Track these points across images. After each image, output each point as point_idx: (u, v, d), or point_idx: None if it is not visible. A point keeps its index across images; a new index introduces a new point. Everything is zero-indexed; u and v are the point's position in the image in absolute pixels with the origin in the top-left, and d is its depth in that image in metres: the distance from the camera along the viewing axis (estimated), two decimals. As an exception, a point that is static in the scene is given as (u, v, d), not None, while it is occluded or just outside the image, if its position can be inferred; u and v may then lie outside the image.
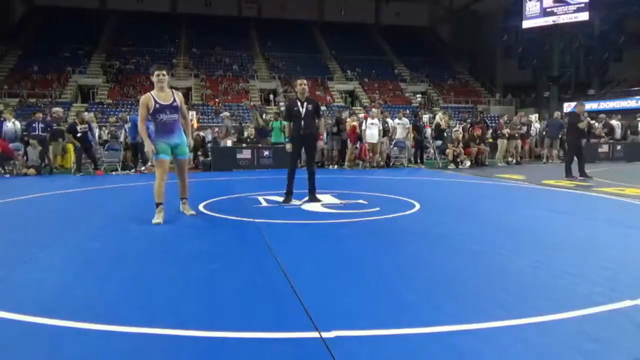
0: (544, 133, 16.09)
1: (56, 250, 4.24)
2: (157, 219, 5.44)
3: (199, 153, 13.77)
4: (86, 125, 12.26)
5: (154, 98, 5.41)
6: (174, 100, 5.51)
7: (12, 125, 12.54)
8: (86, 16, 35.29)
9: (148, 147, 5.48)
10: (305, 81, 6.76)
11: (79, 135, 11.93)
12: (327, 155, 14.56)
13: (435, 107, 32.00)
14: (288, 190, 6.68)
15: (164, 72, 5.54)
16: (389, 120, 14.39)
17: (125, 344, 2.34)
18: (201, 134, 14.36)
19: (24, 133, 12.72)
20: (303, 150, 6.83)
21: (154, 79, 5.47)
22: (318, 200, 6.65)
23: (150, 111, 5.40)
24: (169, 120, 5.47)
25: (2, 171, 11.70)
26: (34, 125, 12.36)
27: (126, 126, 13.22)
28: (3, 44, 32.19)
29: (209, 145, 14.33)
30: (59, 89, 29.78)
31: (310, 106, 6.54)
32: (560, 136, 15.87)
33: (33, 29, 34.72)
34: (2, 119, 12.86)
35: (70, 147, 13.38)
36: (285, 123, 7.19)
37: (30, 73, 30.68)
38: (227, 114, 17.42)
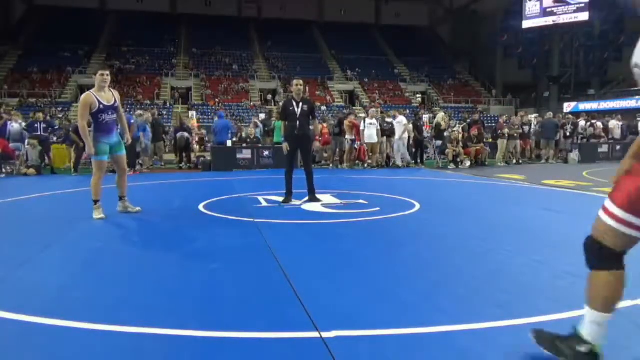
0: (535, 133, 16.09)
1: (56, 250, 4.24)
2: (99, 214, 5.66)
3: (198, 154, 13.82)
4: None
5: (97, 98, 5.52)
6: (115, 101, 5.71)
7: (19, 126, 12.59)
8: (86, 16, 35.27)
9: (89, 147, 5.61)
10: (301, 81, 6.71)
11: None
12: (329, 155, 14.58)
13: (435, 107, 32.01)
14: (287, 190, 6.67)
15: (108, 72, 5.82)
16: (388, 120, 14.36)
17: (125, 344, 2.34)
18: (185, 135, 14.22)
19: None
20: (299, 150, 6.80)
21: (98, 78, 5.62)
22: (318, 200, 6.65)
23: (93, 111, 5.50)
24: (110, 120, 5.66)
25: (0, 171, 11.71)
26: (35, 125, 12.36)
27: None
28: (3, 44, 32.18)
29: (209, 145, 14.35)
30: (59, 89, 29.80)
31: (305, 106, 6.54)
32: (556, 137, 15.87)
33: (33, 29, 34.72)
34: (10, 119, 12.84)
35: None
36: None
37: (30, 73, 30.68)
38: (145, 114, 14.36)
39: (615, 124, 17.44)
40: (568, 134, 16.08)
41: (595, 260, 2.01)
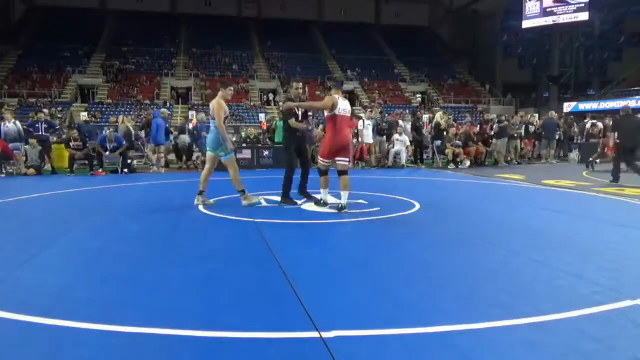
0: (542, 133, 15.94)
1: (56, 250, 4.24)
2: (252, 199, 6.49)
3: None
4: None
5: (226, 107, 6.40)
6: None
7: (13, 125, 12.51)
8: (86, 16, 35.27)
9: (230, 145, 6.52)
10: (301, 84, 6.93)
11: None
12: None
13: (435, 107, 32.01)
14: (285, 191, 6.67)
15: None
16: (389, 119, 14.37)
17: (125, 344, 2.34)
18: (187, 140, 14.07)
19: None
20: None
21: (229, 92, 6.47)
22: (310, 197, 6.69)
23: (225, 117, 6.34)
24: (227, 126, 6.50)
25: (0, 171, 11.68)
26: (37, 125, 12.34)
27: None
28: (3, 44, 32.18)
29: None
30: (59, 89, 29.78)
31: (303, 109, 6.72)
32: (557, 136, 15.83)
33: (33, 29, 34.72)
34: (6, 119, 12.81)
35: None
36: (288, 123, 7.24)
37: (30, 73, 30.68)
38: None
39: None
40: (492, 133, 14.26)
41: (319, 173, 6.16)
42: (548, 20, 31.76)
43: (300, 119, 6.63)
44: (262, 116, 21.99)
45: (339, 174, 6.00)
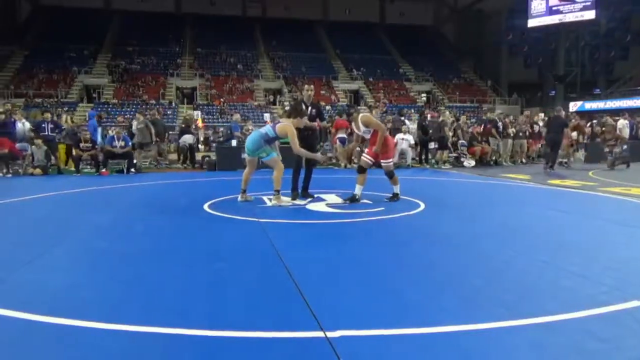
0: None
1: (62, 250, 4.26)
2: (281, 201, 6.48)
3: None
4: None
5: None
6: None
7: (22, 125, 12.64)
8: (91, 16, 35.40)
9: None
10: (312, 87, 7.19)
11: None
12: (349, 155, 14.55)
13: (440, 106, 31.92)
14: (293, 186, 6.95)
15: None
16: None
17: (129, 343, 2.35)
18: (187, 142, 13.97)
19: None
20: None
21: (303, 121, 6.67)
22: (311, 196, 6.92)
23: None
24: None
25: (7, 171, 11.73)
26: (43, 125, 12.41)
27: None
28: (9, 44, 32.35)
29: (213, 144, 14.36)
30: (64, 89, 29.92)
31: (314, 110, 6.96)
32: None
33: (39, 29, 34.88)
34: (13, 119, 12.89)
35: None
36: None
37: (36, 73, 30.83)
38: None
39: (623, 123, 17.21)
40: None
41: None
42: (554, 19, 31.63)
43: (307, 119, 6.84)
44: (266, 116, 21.98)
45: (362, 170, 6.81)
